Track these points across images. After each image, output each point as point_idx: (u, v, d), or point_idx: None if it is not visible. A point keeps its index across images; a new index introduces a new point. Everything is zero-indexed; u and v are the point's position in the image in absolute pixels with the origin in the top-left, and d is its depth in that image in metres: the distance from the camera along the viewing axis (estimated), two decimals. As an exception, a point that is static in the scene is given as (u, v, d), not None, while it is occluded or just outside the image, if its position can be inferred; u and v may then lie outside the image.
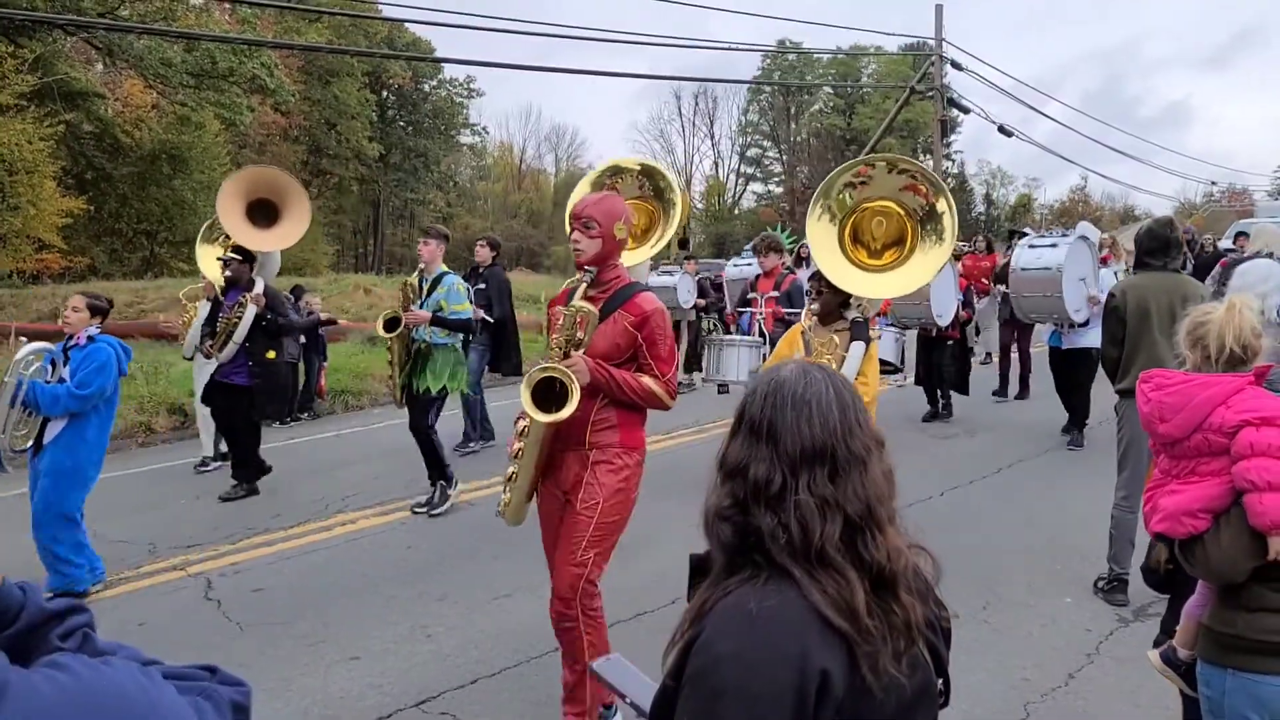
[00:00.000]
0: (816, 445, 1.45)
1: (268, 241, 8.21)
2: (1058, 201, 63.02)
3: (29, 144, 23.06)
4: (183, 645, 4.95)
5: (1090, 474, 7.54)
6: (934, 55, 27.04)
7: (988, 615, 5.11)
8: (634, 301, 3.67)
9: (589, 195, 3.77)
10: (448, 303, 7.08)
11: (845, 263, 5.33)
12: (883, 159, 5.53)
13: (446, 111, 56.49)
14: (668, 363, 3.72)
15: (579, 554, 3.64)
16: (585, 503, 3.63)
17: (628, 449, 3.74)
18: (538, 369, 3.51)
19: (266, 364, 7.78)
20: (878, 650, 1.35)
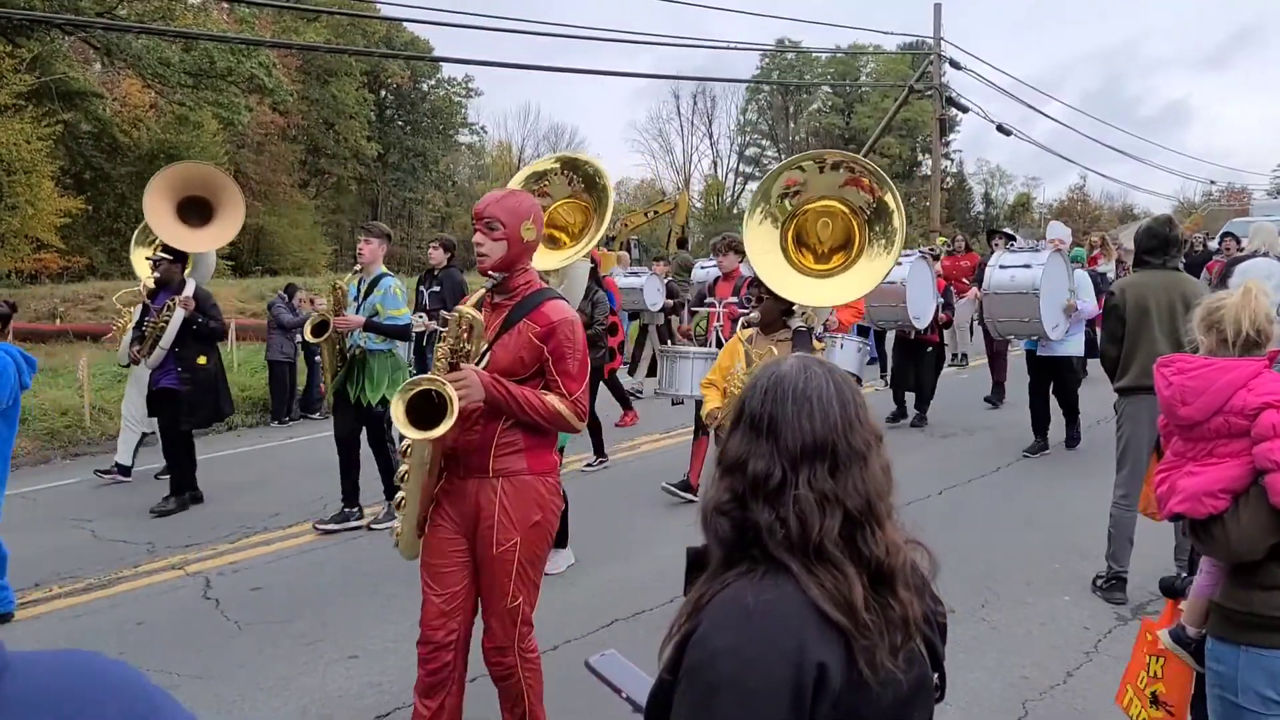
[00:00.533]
0: (817, 440, 1.44)
1: (199, 241, 7.77)
2: (1057, 201, 63.06)
3: (27, 143, 23.04)
4: (181, 645, 4.94)
5: (1089, 472, 7.54)
6: (932, 54, 27.05)
7: (986, 613, 5.11)
8: (540, 310, 3.30)
9: (492, 193, 3.43)
10: (384, 307, 6.68)
11: (787, 269, 4.91)
12: (809, 158, 5.07)
13: (445, 111, 56.45)
14: (577, 380, 3.33)
15: (508, 600, 3.32)
16: (501, 544, 3.28)
17: (539, 474, 3.36)
18: (414, 381, 3.15)
19: (197, 370, 7.38)
20: (875, 645, 1.35)
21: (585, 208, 5.32)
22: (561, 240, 5.26)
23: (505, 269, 3.33)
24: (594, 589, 5.62)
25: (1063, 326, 8.26)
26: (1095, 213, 57.34)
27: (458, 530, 3.37)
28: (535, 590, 3.43)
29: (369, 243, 6.85)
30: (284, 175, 44.66)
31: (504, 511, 3.27)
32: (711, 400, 4.79)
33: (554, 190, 5.29)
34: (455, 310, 3.33)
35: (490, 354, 3.30)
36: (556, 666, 4.56)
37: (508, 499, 3.28)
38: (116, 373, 13.02)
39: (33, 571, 6.09)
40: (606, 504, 7.04)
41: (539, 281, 3.45)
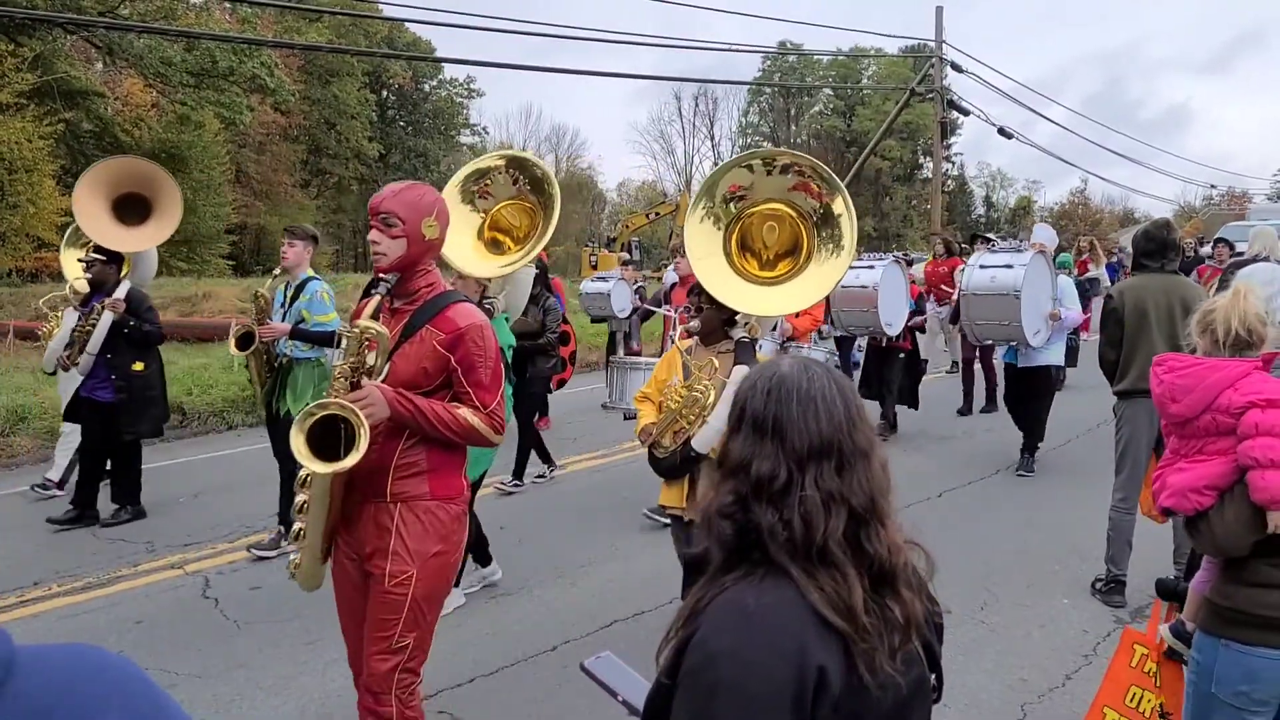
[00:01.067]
0: (824, 440, 1.45)
1: (133, 240, 7.18)
2: (1058, 204, 63.05)
3: (28, 142, 23.07)
4: (180, 644, 4.95)
5: (1088, 475, 7.54)
6: (934, 57, 27.05)
7: (985, 615, 5.12)
8: (445, 315, 2.98)
9: (392, 184, 3.09)
10: (310, 312, 6.25)
11: (730, 274, 4.54)
12: (759, 157, 4.65)
13: (446, 111, 56.54)
14: (490, 390, 3.02)
15: (393, 641, 2.94)
16: (395, 576, 2.92)
17: (444, 500, 3.03)
18: (314, 406, 2.79)
19: (132, 377, 6.90)
20: (875, 648, 1.35)
21: (531, 210, 5.04)
22: (505, 245, 5.02)
23: (404, 269, 3.02)
24: (593, 590, 5.63)
25: (1044, 333, 7.88)
26: (1096, 216, 57.35)
27: (356, 567, 3.07)
28: (428, 634, 3.05)
29: (293, 245, 6.41)
30: (285, 175, 44.70)
31: (400, 540, 2.94)
32: (646, 415, 4.47)
33: (497, 190, 5.03)
34: (353, 324, 2.97)
35: (390, 365, 2.98)
36: (556, 667, 4.58)
37: (405, 527, 2.95)
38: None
39: (32, 570, 6.09)
40: (605, 506, 7.04)
41: (443, 284, 3.13)
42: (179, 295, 22.42)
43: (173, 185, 7.41)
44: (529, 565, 6.07)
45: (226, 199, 35.98)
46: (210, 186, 34.30)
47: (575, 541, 6.52)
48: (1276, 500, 2.54)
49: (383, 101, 53.26)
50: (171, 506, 7.68)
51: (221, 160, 35.05)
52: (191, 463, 9.13)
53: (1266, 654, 2.57)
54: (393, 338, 2.99)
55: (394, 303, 3.08)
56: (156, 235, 7.30)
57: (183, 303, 21.47)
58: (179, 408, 11.30)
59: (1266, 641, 2.57)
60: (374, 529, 2.97)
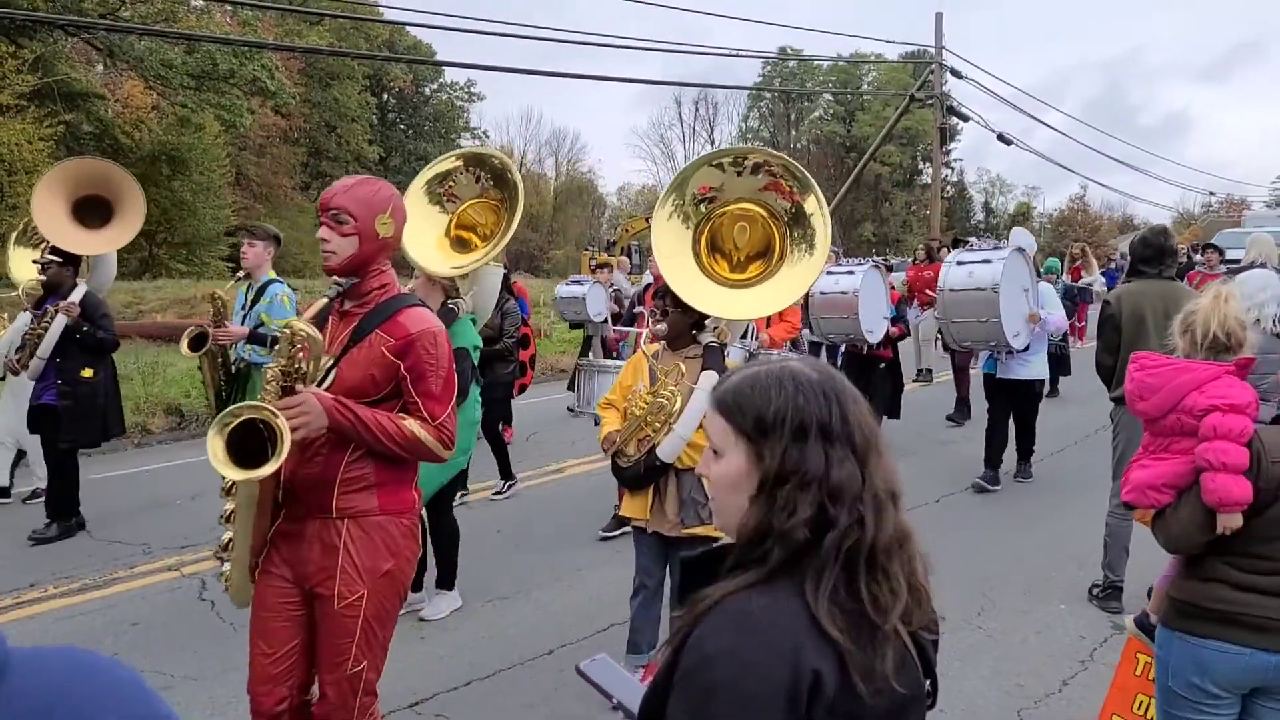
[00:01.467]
0: (876, 433, 1.46)
1: (92, 243, 6.95)
2: (1057, 210, 63.16)
3: (29, 144, 23.13)
4: (176, 646, 4.94)
5: (1086, 481, 7.54)
6: (934, 63, 27.08)
7: (982, 621, 5.11)
8: (396, 320, 2.81)
9: (344, 179, 2.90)
10: (270, 316, 6.08)
11: (699, 276, 4.33)
12: (730, 155, 4.40)
13: (447, 115, 56.65)
14: (440, 401, 2.85)
15: (349, 665, 2.80)
16: (345, 597, 2.77)
17: (393, 515, 2.87)
18: (232, 411, 2.58)
19: (79, 383, 6.66)
20: (884, 655, 1.36)
21: (496, 206, 4.93)
22: (472, 242, 4.96)
23: (355, 270, 2.84)
24: (589, 593, 5.62)
25: (1025, 336, 7.43)
26: (1095, 222, 57.41)
27: (291, 579, 2.87)
28: (382, 653, 2.92)
29: (253, 245, 6.27)
30: (285, 178, 44.78)
31: (349, 559, 2.78)
32: (610, 423, 4.26)
33: (461, 191, 4.94)
34: (285, 324, 2.74)
35: (336, 371, 2.81)
36: (552, 671, 4.58)
37: (354, 544, 2.79)
38: (116, 373, 13.04)
39: (28, 571, 6.09)
40: (602, 509, 7.03)
41: (396, 286, 2.95)
42: (178, 297, 22.44)
43: (135, 188, 7.18)
44: (525, 568, 6.07)
45: (226, 201, 36.05)
46: (210, 189, 34.39)
47: (572, 545, 6.52)
48: (1224, 502, 2.60)
49: (383, 104, 53.38)
50: (168, 508, 7.68)
51: (221, 163, 35.13)
52: (189, 465, 9.12)
53: (1218, 646, 2.64)
54: (341, 342, 2.85)
55: (344, 305, 2.92)
56: (116, 239, 7.08)
57: (182, 305, 21.50)
58: (175, 409, 11.30)
59: (1217, 634, 2.64)
60: (320, 547, 2.80)
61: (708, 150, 4.56)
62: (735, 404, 1.47)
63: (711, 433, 1.50)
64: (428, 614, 5.25)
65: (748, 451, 1.44)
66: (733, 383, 1.50)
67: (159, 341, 15.84)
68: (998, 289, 7.15)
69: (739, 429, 1.45)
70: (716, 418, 1.49)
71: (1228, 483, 2.59)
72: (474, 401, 5.10)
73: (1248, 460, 2.60)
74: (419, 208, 4.81)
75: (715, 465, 1.49)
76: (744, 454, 1.44)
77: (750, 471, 1.44)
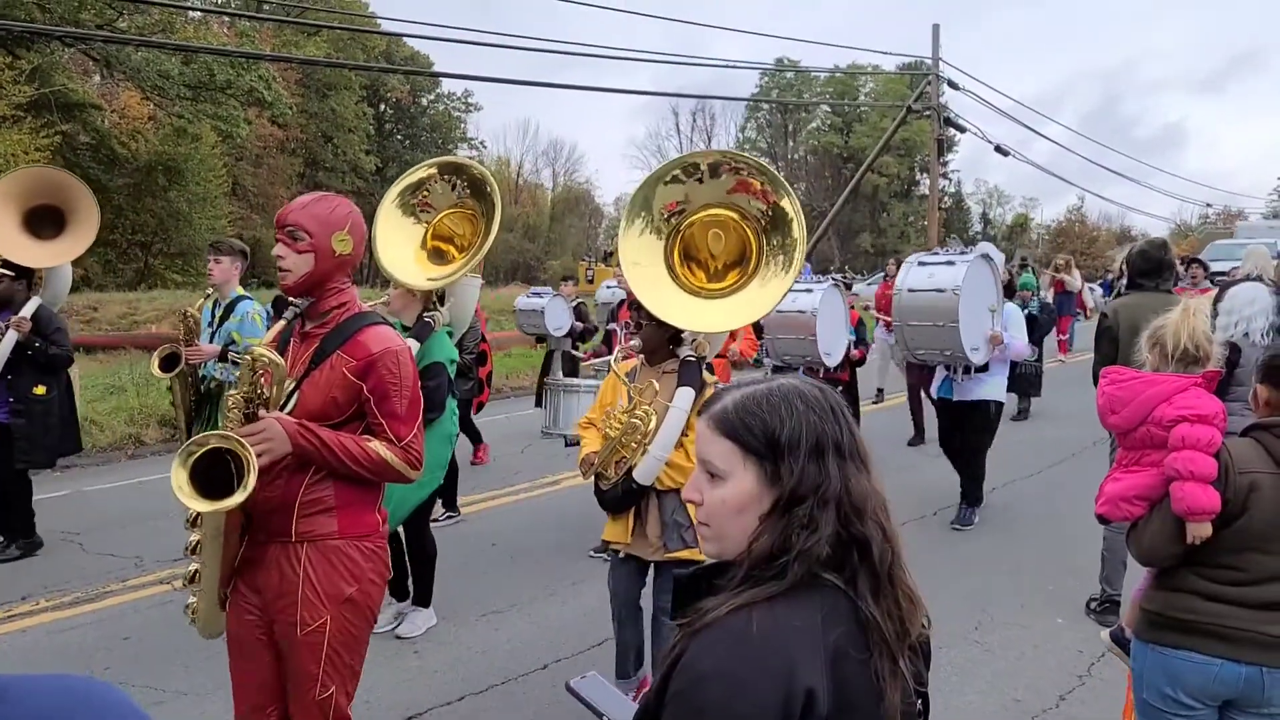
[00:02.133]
0: (869, 448, 1.48)
1: (42, 255, 6.70)
2: (1055, 221, 63.32)
3: (25, 154, 23.11)
4: (168, 660, 4.90)
5: (1082, 494, 7.49)
6: (930, 74, 27.17)
7: (979, 635, 5.08)
8: (357, 340, 2.75)
9: (302, 197, 2.85)
10: (241, 334, 5.94)
11: (670, 287, 4.10)
12: (680, 166, 4.16)
13: (444, 125, 56.76)
14: (405, 421, 2.78)
15: (317, 691, 2.74)
16: (307, 625, 2.70)
17: (354, 539, 2.78)
18: (196, 440, 2.49)
19: (31, 400, 6.41)
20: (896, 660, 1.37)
21: (473, 216, 4.82)
22: (449, 254, 4.87)
23: (312, 289, 2.77)
24: (585, 607, 5.59)
25: (984, 352, 6.86)
26: (1093, 234, 57.57)
27: (259, 607, 2.81)
28: (353, 678, 2.85)
29: (219, 262, 6.11)
30: (282, 188, 44.78)
31: (309, 584, 2.70)
32: (589, 443, 4.13)
33: (436, 200, 4.83)
34: (246, 351, 2.70)
35: (298, 394, 2.75)
36: (547, 686, 4.55)
37: (314, 569, 2.71)
38: (109, 384, 13.02)
39: (20, 584, 6.05)
40: (597, 523, 6.98)
41: (357, 305, 2.89)
42: (173, 308, 22.38)
43: (89, 198, 6.93)
44: (520, 582, 6.04)
45: (223, 212, 36.06)
46: (206, 199, 34.40)
47: (567, 558, 6.49)
48: (1193, 511, 2.61)
49: (380, 115, 53.47)
50: (161, 521, 7.63)
51: (218, 173, 35.16)
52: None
53: (1187, 657, 2.66)
54: (302, 364, 2.78)
55: (305, 326, 2.85)
56: (70, 250, 6.84)
57: (176, 315, 21.46)
58: (169, 421, 11.26)
59: (1187, 645, 2.67)
60: (279, 573, 2.73)
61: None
62: (743, 424, 1.44)
63: (713, 455, 1.46)
64: (403, 631, 5.19)
65: (759, 472, 1.42)
66: (734, 402, 1.47)
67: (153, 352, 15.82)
68: (958, 291, 6.67)
69: (748, 449, 1.43)
70: (720, 440, 1.45)
71: (1195, 491, 2.60)
72: (451, 415, 5.04)
73: (1216, 470, 2.62)
74: (392, 219, 4.72)
75: (716, 489, 1.45)
76: (754, 474, 1.42)
77: (762, 492, 1.42)
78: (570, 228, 64.24)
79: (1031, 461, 9.18)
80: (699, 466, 1.49)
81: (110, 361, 16.39)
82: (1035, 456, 9.39)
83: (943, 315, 6.72)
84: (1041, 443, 9.73)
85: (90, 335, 19.26)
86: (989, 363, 7.01)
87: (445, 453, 4.99)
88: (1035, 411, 11.77)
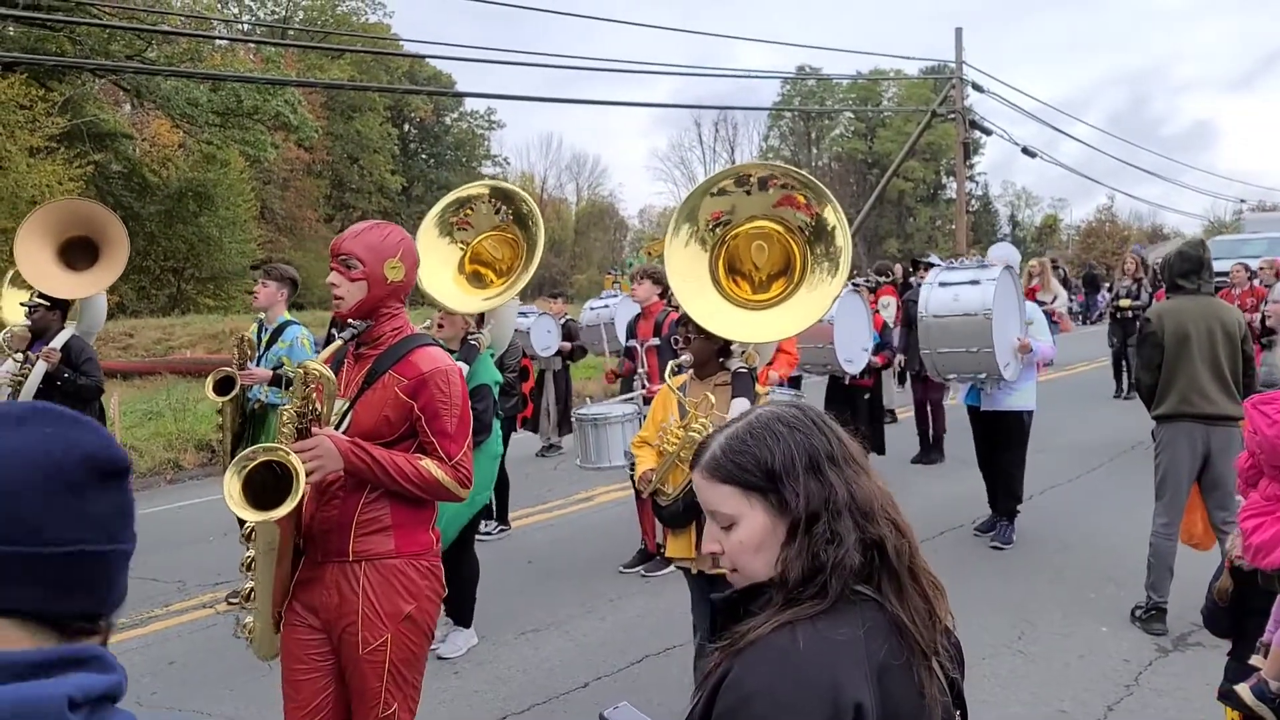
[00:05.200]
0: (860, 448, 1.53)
1: (75, 286, 6.78)
2: (1084, 221, 62.69)
3: (59, 185, 23.48)
4: (213, 684, 4.95)
5: (1122, 500, 7.43)
6: (954, 78, 27.04)
7: (1023, 645, 5.02)
8: (408, 360, 2.81)
9: (354, 226, 2.92)
10: (290, 359, 6.01)
11: (717, 300, 4.16)
12: (730, 177, 4.26)
13: (468, 143, 57.19)
14: (456, 440, 2.82)
15: (380, 709, 2.79)
16: (368, 644, 2.75)
17: (410, 557, 2.83)
18: (249, 452, 2.59)
19: None
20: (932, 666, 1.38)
21: (513, 242, 4.85)
22: (488, 278, 4.88)
23: (366, 314, 2.86)
24: (623, 624, 5.59)
25: (1015, 366, 6.64)
26: (1124, 233, 56.92)
27: (316, 627, 2.84)
28: (414, 694, 2.90)
29: (265, 286, 6.20)
30: (310, 210, 45.26)
31: (369, 603, 2.75)
32: (645, 461, 4.14)
33: (478, 221, 4.84)
34: (299, 365, 2.79)
35: (352, 414, 2.82)
36: (589, 704, 4.53)
37: (373, 588, 2.76)
38: (147, 410, 13.19)
39: None
40: (634, 538, 7.00)
41: (410, 327, 2.96)
42: (207, 332, 22.67)
43: (119, 226, 7.02)
44: (558, 600, 6.04)
45: (252, 235, 36.44)
46: (236, 223, 34.79)
47: (603, 574, 6.49)
48: None
49: (405, 135, 53.94)
50: (202, 545, 7.72)
51: (247, 197, 35.56)
52: (220, 501, 9.17)
53: None
54: (356, 385, 2.86)
55: (359, 348, 2.92)
56: (101, 280, 6.91)
57: (210, 340, 21.71)
58: (207, 445, 11.38)
59: None
60: (338, 593, 2.77)
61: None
62: (736, 465, 1.46)
63: (718, 504, 1.47)
64: (444, 651, 5.20)
65: (766, 505, 1.44)
66: (721, 447, 1.49)
67: (189, 377, 16.01)
68: (990, 315, 6.41)
69: (750, 487, 1.45)
70: (720, 486, 1.47)
71: None
72: (496, 436, 5.09)
73: None
74: (431, 242, 4.76)
75: (733, 535, 1.47)
76: (763, 509, 1.44)
77: (776, 523, 1.44)
78: (595, 241, 64.38)
79: (1068, 469, 9.07)
80: (709, 518, 1.51)
81: (147, 387, 16.60)
82: (1071, 464, 9.27)
83: (975, 340, 6.48)
84: (1075, 449, 9.61)
85: (127, 361, 19.52)
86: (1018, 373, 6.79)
87: (491, 472, 5.05)
88: (1062, 420, 11.55)
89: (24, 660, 0.89)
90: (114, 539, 1.01)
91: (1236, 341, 5.07)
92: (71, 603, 0.97)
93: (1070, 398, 12.73)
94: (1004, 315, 6.57)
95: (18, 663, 0.89)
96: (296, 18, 43.37)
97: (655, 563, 6.42)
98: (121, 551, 1.03)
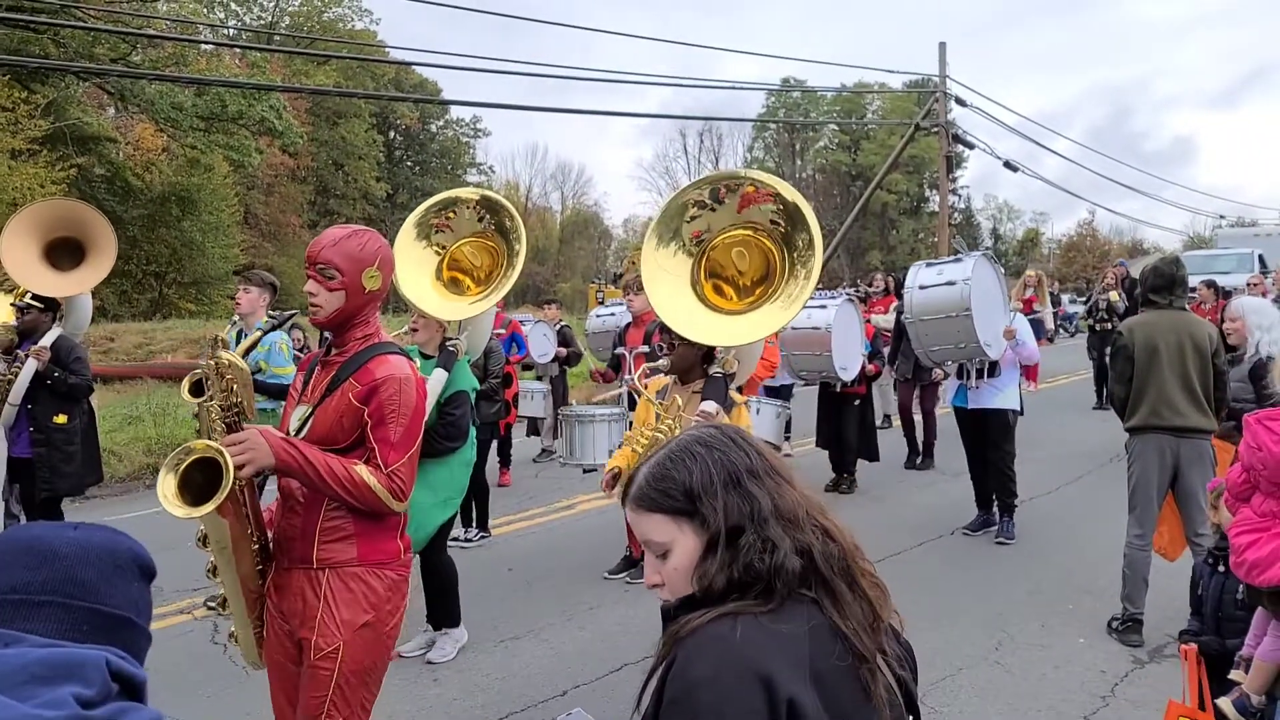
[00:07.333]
0: (784, 463, 1.56)
1: (65, 285, 6.80)
2: (1065, 235, 63.15)
3: (41, 187, 23.37)
4: (190, 690, 4.92)
5: (1103, 511, 7.47)
6: (938, 92, 27.21)
7: (1000, 656, 5.05)
8: (366, 367, 2.78)
9: (332, 230, 2.86)
10: (268, 364, 6.10)
11: (694, 305, 4.19)
12: (694, 197, 4.32)
13: (453, 151, 57.17)
14: (397, 449, 2.74)
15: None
16: (320, 649, 2.70)
17: (374, 565, 2.79)
18: (188, 446, 2.54)
19: (52, 430, 6.43)
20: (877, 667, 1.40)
21: (493, 250, 4.84)
22: (465, 284, 4.85)
23: (343, 323, 2.84)
24: (603, 632, 5.59)
25: (998, 347, 6.94)
26: (1104, 247, 57.34)
27: (287, 638, 2.84)
28: (363, 712, 2.79)
29: (247, 292, 6.22)
30: (294, 216, 45.11)
31: (327, 609, 2.72)
32: (617, 460, 4.19)
33: (459, 225, 4.81)
34: (211, 358, 2.75)
35: (312, 419, 2.80)
36: (565, 713, 4.52)
37: (333, 594, 2.73)
38: (126, 415, 13.09)
39: None
40: (614, 547, 7.00)
41: (380, 334, 2.92)
42: (188, 337, 22.55)
43: (106, 227, 7.04)
44: (536, 607, 6.03)
45: (235, 240, 36.34)
46: (219, 228, 34.69)
47: (583, 582, 6.48)
48: None
49: (390, 142, 53.87)
50: (179, 551, 7.63)
51: (230, 202, 35.47)
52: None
53: None
54: (319, 390, 2.83)
55: (328, 354, 2.91)
56: (88, 279, 6.94)
57: (192, 345, 21.61)
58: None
59: None
60: (302, 599, 2.76)
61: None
62: (661, 491, 1.49)
63: (651, 534, 1.50)
64: (433, 657, 5.20)
65: (693, 526, 1.46)
66: (644, 477, 1.52)
67: (170, 382, 15.93)
68: (969, 281, 6.76)
69: (675, 511, 1.47)
70: (649, 516, 1.49)
71: None
72: (471, 443, 5.08)
73: None
74: (408, 244, 4.76)
75: (667, 564, 1.49)
76: (691, 531, 1.46)
77: (702, 543, 1.46)
78: (580, 250, 64.43)
79: (1048, 480, 9.12)
80: (646, 551, 1.53)
81: (127, 392, 16.50)
82: (1051, 475, 9.32)
83: (955, 307, 6.79)
84: (1055, 460, 9.68)
85: (107, 365, 19.38)
86: (1002, 371, 7.10)
87: (464, 478, 5.02)
88: (1043, 432, 11.66)
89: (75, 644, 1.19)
90: (144, 619, 1.34)
91: (1207, 355, 5.13)
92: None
93: (1050, 410, 12.82)
94: (983, 291, 6.86)
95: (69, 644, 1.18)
96: (282, 23, 43.33)
97: (640, 569, 6.40)
98: (146, 633, 1.34)
